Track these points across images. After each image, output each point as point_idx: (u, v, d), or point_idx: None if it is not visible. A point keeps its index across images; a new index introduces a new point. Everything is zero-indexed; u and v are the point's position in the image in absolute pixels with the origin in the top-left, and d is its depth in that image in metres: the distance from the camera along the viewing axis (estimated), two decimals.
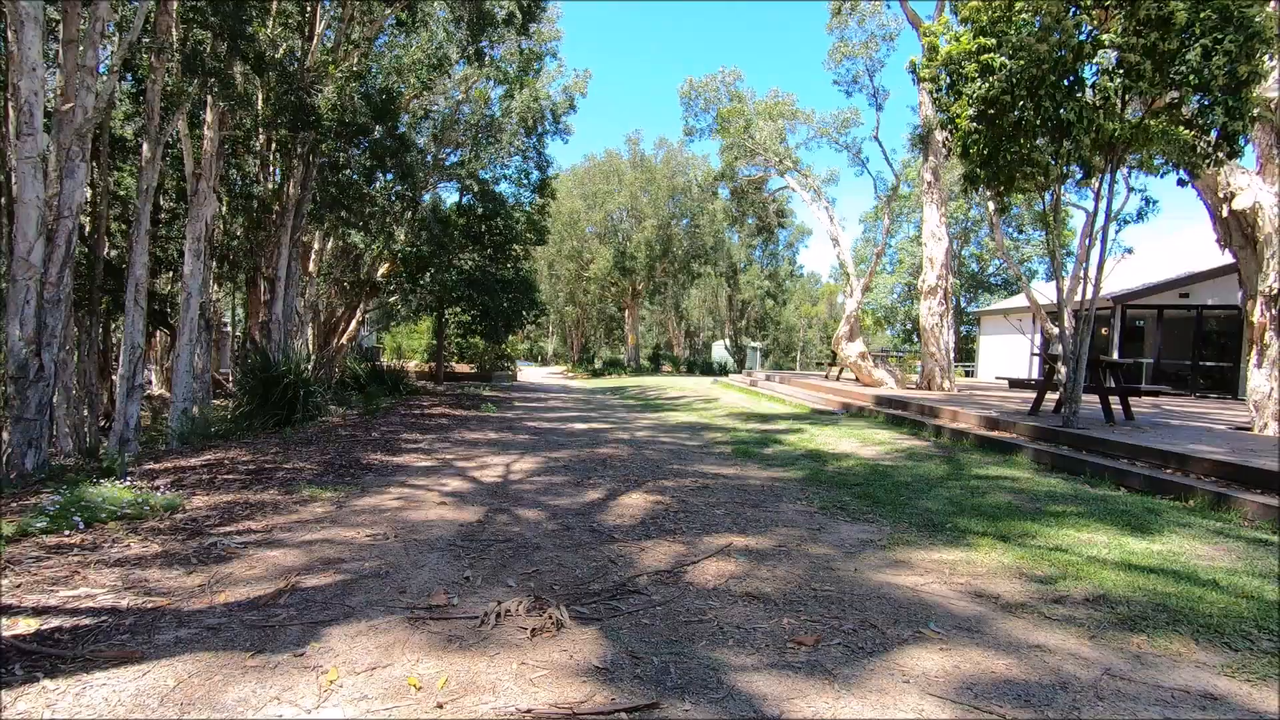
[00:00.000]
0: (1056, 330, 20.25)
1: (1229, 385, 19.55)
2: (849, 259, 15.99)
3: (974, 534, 4.36)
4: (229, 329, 24.33)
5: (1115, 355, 19.37)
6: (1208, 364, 20.35)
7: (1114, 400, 8.98)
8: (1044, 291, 24.39)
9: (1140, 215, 7.84)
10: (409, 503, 4.89)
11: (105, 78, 9.02)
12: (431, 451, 7.45)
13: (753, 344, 41.15)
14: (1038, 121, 7.28)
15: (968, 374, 27.72)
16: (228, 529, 3.98)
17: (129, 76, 13.28)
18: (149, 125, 9.99)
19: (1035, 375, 24.00)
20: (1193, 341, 20.48)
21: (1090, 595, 3.19)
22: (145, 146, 10.06)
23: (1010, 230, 32.63)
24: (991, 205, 21.19)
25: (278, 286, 13.32)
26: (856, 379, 16.87)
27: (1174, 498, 5.50)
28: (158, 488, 4.91)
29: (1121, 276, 17.97)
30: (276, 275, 13.31)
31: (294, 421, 10.41)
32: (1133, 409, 9.44)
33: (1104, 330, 22.21)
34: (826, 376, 19.38)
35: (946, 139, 8.09)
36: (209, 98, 10.87)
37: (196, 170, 11.26)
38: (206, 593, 2.89)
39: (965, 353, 29.71)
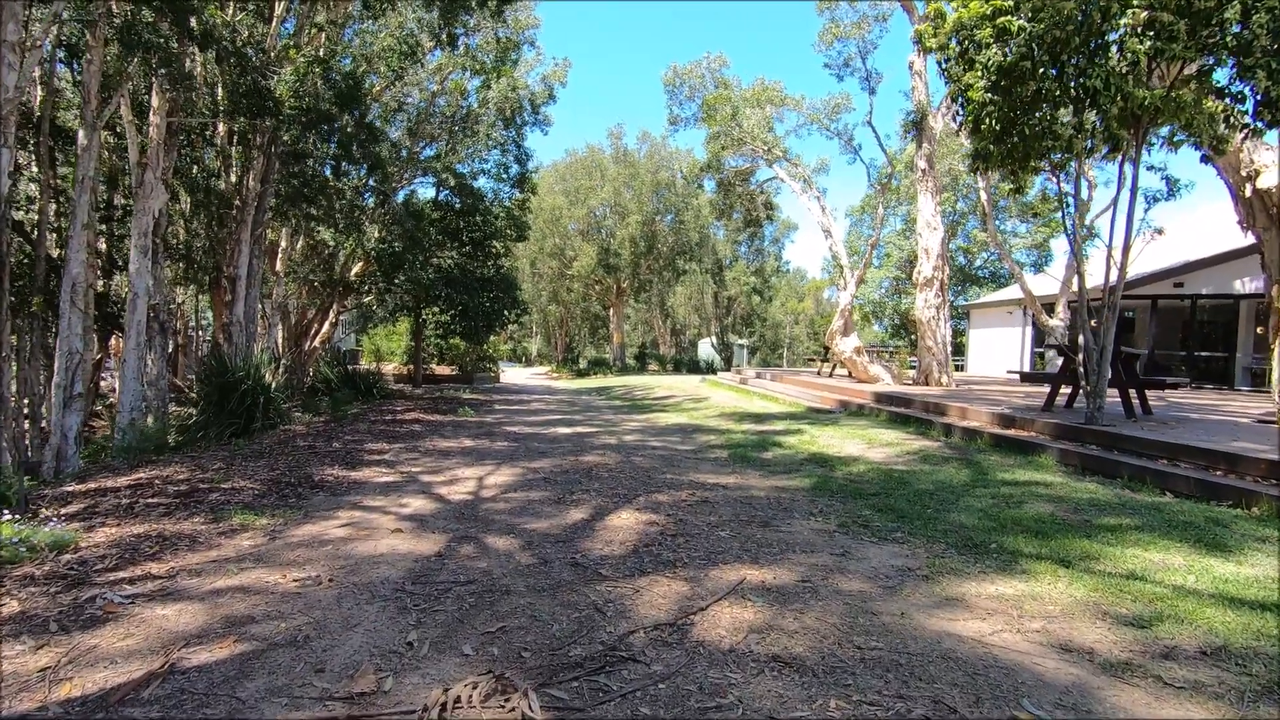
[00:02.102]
0: (1054, 322, 19.80)
1: (1224, 376, 19.26)
2: (842, 250, 15.37)
3: (1026, 557, 3.69)
4: (198, 333, 23.31)
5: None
6: (1202, 355, 20.04)
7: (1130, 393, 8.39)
8: (1040, 283, 23.95)
9: (1172, 193, 7.24)
10: (357, 531, 4.13)
11: (30, 53, 8.16)
12: (396, 464, 6.67)
13: (739, 341, 40.54)
14: (1058, 91, 6.66)
15: (958, 368, 27.29)
16: (121, 575, 3.21)
17: (76, 63, 12.35)
18: (85, 109, 9.11)
19: (1029, 368, 23.64)
20: (1188, 332, 20.16)
21: (1206, 646, 2.52)
22: (81, 133, 9.18)
23: (997, 223, 32.21)
24: (984, 196, 20.72)
25: (239, 286, 12.47)
26: (850, 375, 16.26)
27: (1233, 504, 4.87)
28: (52, 518, 4.11)
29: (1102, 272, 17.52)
30: (237, 274, 12.45)
31: (252, 430, 9.62)
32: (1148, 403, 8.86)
33: (1092, 322, 21.85)
34: (819, 373, 18.77)
35: (957, 112, 7.44)
36: (154, 80, 10.00)
37: (142, 160, 10.36)
38: (46, 682, 2.13)
39: (954, 347, 29.31)
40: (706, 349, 40.12)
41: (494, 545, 3.86)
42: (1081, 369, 7.51)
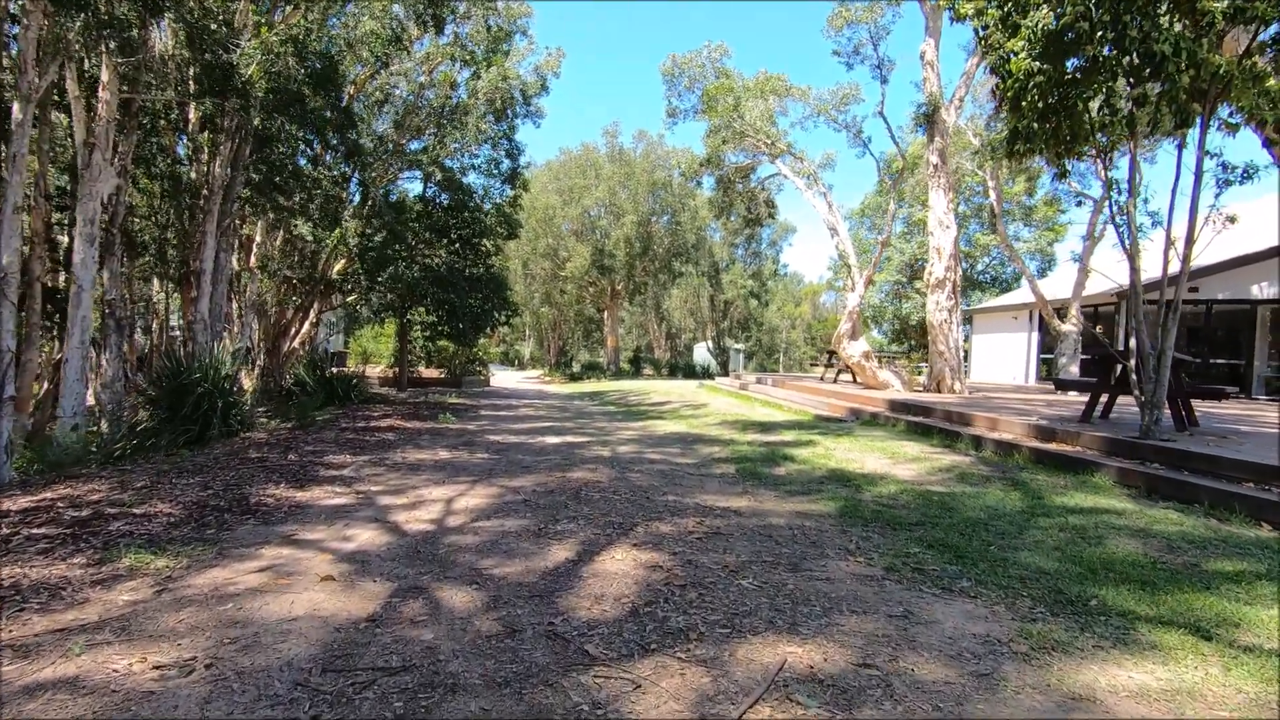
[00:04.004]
0: (1066, 328, 19.00)
1: (1240, 384, 18.63)
2: (850, 249, 14.55)
3: (1145, 621, 2.82)
4: (167, 332, 22.32)
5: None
6: (1218, 361, 19.38)
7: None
8: (1048, 287, 23.22)
9: (1247, 176, 6.41)
10: (277, 578, 3.22)
11: None
12: (353, 481, 5.75)
13: (735, 345, 39.75)
14: (1116, 58, 5.83)
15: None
16: None
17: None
18: (20, 79, 8.18)
19: (1034, 374, 22.92)
20: (1201, 337, 19.49)
21: None
22: (16, 106, 8.24)
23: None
24: (993, 195, 19.96)
25: (203, 281, 11.53)
26: (856, 380, 15.44)
27: None
28: None
29: (1124, 270, 16.79)
30: (202, 268, 11.52)
31: (208, 439, 8.72)
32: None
33: (1098, 327, 21.15)
34: (822, 379, 17.94)
35: (996, 88, 6.60)
36: (104, 50, 9.09)
37: (90, 139, 9.42)
38: None
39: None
40: (702, 353, 39.33)
41: (449, 602, 2.95)
42: (1135, 375, 6.67)
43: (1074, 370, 18.71)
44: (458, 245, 19.04)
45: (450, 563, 3.53)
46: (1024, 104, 6.46)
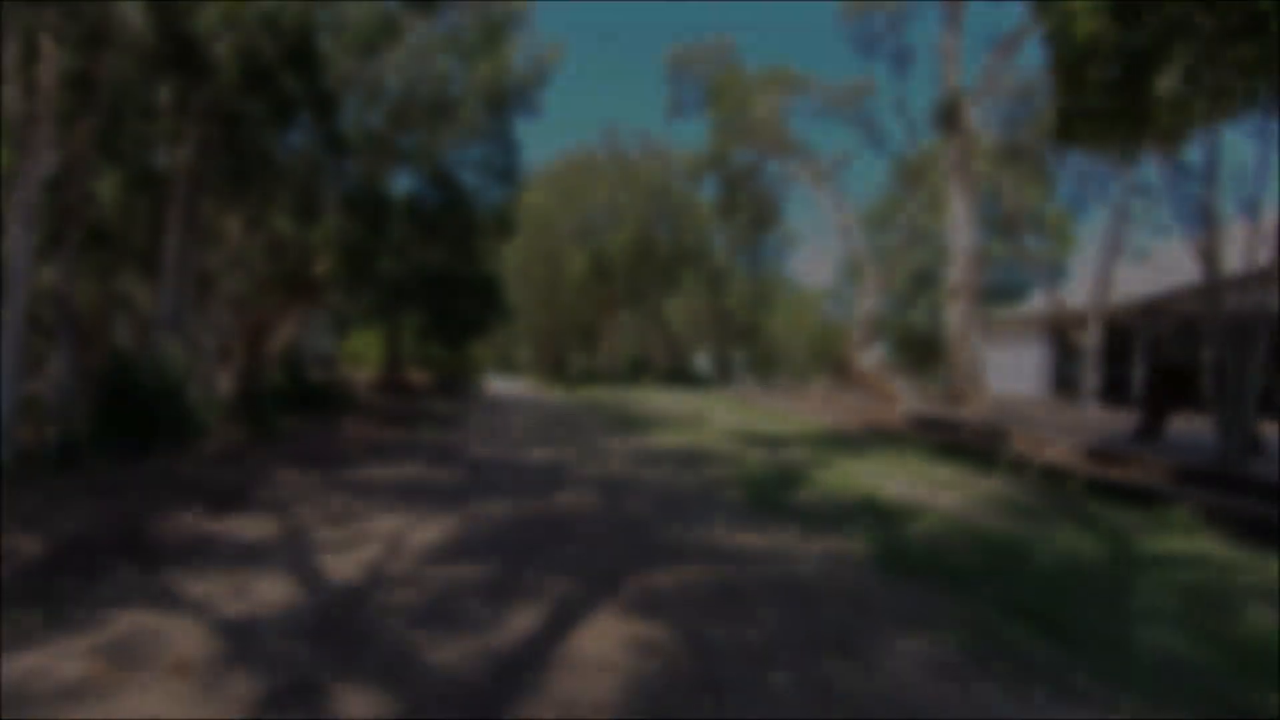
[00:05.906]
0: (1087, 340, 18.06)
1: (1271, 401, 17.68)
2: (863, 252, 13.66)
3: None
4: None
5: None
6: None
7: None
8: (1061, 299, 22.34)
9: None
10: (113, 666, 2.26)
11: None
12: (287, 506, 4.77)
13: (737, 354, 38.84)
14: (1200, 19, 4.93)
15: None
16: None
17: None
18: None
19: (1048, 387, 21.95)
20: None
21: None
22: None
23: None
24: (1010, 199, 19.04)
25: (165, 276, 10.63)
26: (866, 390, 14.50)
27: None
28: None
29: (1146, 283, 15.78)
30: (164, 263, 10.63)
31: (153, 447, 7.76)
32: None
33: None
34: (830, 389, 17.02)
35: (1053, 59, 5.70)
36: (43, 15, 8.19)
37: (32, 114, 8.53)
38: None
39: None
40: (703, 361, 38.42)
41: (344, 716, 1.99)
42: (1215, 393, 5.75)
43: (1092, 384, 17.80)
44: (449, 245, 18.16)
45: (369, 639, 2.56)
46: (1089, 75, 5.56)
